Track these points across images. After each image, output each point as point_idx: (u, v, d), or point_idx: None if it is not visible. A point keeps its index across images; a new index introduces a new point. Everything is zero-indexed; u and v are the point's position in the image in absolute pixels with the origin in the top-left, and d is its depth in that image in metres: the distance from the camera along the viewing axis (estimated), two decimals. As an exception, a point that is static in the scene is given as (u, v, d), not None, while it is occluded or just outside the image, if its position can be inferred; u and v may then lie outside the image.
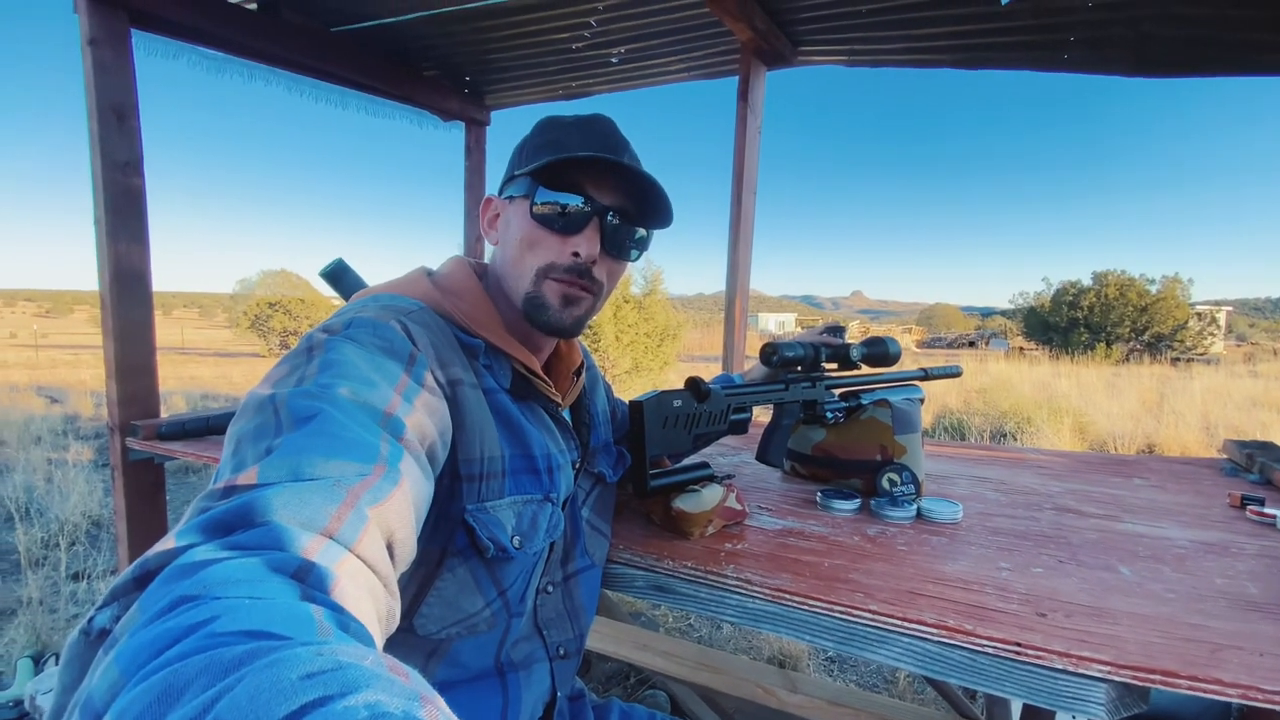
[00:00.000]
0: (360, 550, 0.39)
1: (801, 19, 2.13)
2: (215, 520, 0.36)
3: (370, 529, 0.40)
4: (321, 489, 0.40)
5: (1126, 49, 1.89)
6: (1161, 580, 0.78)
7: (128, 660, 0.25)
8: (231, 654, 0.23)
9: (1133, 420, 6.38)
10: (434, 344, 0.63)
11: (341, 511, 0.39)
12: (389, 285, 0.73)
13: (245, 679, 0.22)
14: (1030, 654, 0.62)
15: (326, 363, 0.52)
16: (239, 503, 0.37)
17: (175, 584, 0.29)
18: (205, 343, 28.09)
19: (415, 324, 0.62)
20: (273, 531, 0.35)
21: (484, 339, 0.69)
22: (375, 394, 0.51)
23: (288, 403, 0.47)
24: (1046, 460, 1.45)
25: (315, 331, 0.58)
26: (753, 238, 2.41)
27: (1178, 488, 1.22)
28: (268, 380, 0.52)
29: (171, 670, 0.23)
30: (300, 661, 0.23)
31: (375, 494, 0.43)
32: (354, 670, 0.23)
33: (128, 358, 1.79)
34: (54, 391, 8.78)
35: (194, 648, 0.24)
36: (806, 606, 0.73)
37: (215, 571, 0.30)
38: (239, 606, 0.27)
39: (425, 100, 2.74)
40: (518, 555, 0.66)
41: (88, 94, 1.70)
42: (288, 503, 0.37)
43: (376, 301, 0.66)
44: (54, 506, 3.49)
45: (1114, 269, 19.34)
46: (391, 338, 0.59)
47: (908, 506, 1.00)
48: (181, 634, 0.26)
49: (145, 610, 0.28)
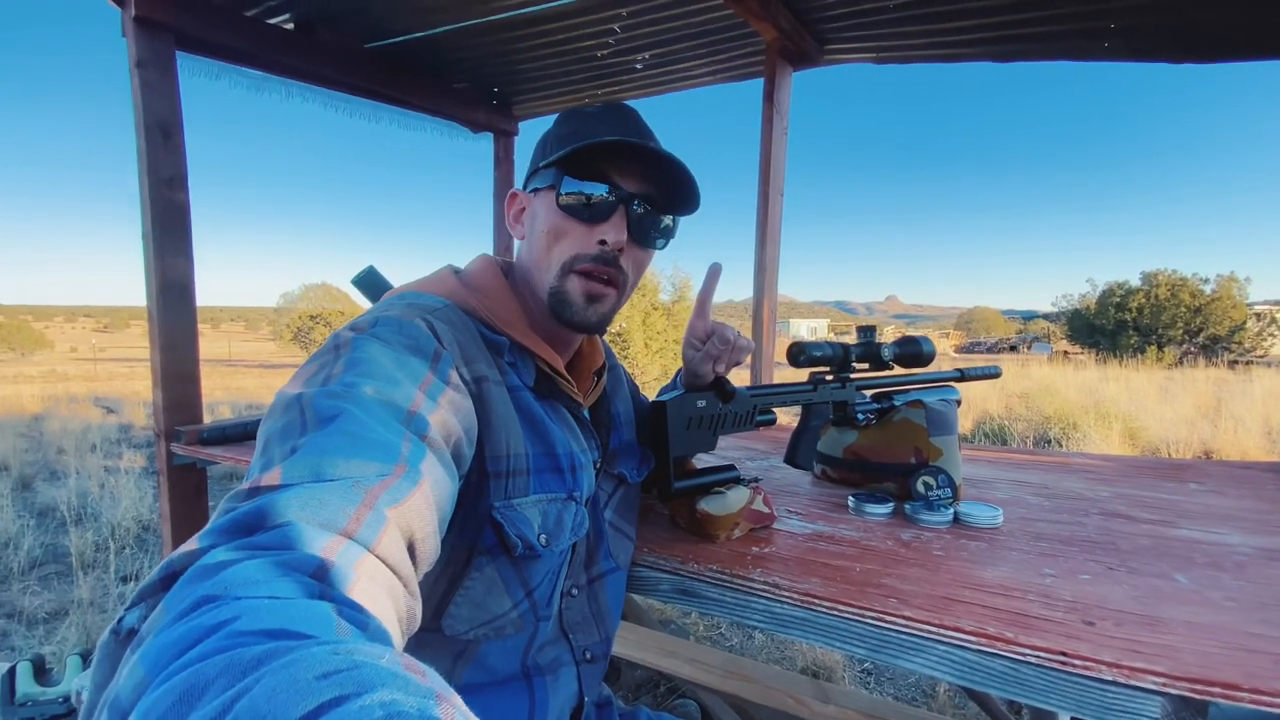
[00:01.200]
0: (379, 550, 0.39)
1: (827, 17, 2.10)
2: (238, 521, 0.36)
3: (389, 529, 0.41)
4: (341, 489, 0.40)
5: (1170, 34, 1.81)
6: (1220, 588, 0.73)
7: (152, 660, 0.25)
8: (251, 654, 0.24)
9: (1188, 425, 6.09)
10: (459, 341, 0.63)
11: (360, 512, 0.40)
12: (416, 284, 0.73)
13: (264, 679, 0.22)
14: (1078, 664, 0.58)
15: (352, 361, 0.53)
16: (261, 504, 0.38)
17: (198, 584, 0.30)
18: (251, 354, 29.11)
19: (440, 321, 0.63)
20: (292, 532, 0.36)
21: (509, 336, 0.69)
22: (399, 392, 0.52)
23: (313, 402, 0.48)
24: (1093, 464, 1.38)
25: (342, 330, 0.59)
26: (780, 239, 2.38)
27: (1237, 493, 1.15)
28: (296, 379, 0.53)
29: (193, 670, 0.24)
30: (317, 661, 0.23)
31: (394, 494, 0.43)
32: (370, 669, 0.23)
33: (173, 366, 1.86)
34: (110, 402, 9.20)
35: (215, 648, 0.25)
36: (836, 612, 0.70)
37: (236, 572, 0.31)
38: (259, 606, 0.28)
39: (455, 112, 2.79)
40: (545, 553, 0.66)
41: (135, 113, 1.78)
42: (307, 503, 0.38)
43: (402, 300, 0.66)
44: (106, 511, 3.64)
45: (1165, 268, 18.58)
46: (417, 335, 0.59)
47: (944, 511, 0.96)
48: (204, 634, 0.26)
49: (169, 610, 0.29)
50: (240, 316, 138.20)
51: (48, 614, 2.52)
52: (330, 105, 2.41)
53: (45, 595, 2.69)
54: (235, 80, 2.17)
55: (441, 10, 2.11)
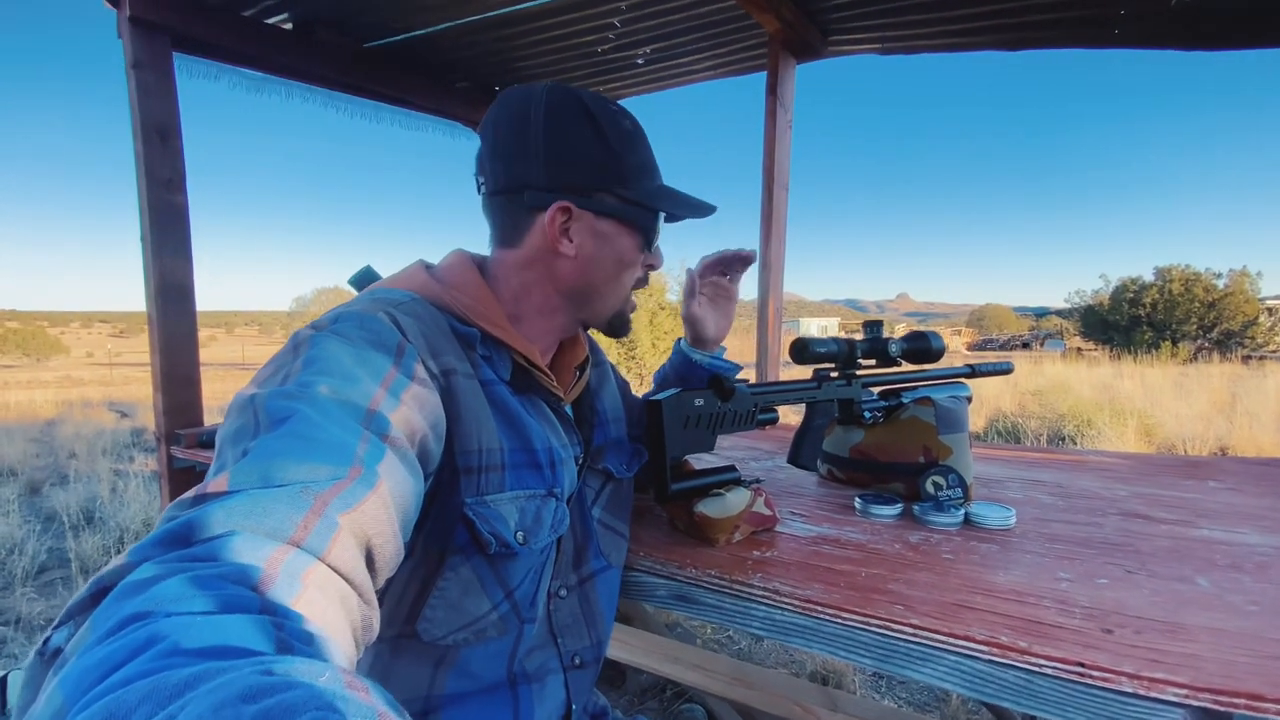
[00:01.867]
0: (331, 559, 0.37)
1: (831, 6, 2.06)
2: (173, 533, 0.34)
3: (342, 536, 0.39)
4: (288, 495, 0.38)
5: (1180, 21, 1.76)
6: (1242, 591, 0.69)
7: (72, 685, 0.24)
8: (177, 678, 0.23)
9: (1203, 422, 5.99)
10: (425, 334, 0.61)
11: (309, 519, 0.38)
12: (385, 280, 0.71)
13: (189, 705, 0.21)
14: (1096, 676, 0.55)
15: (309, 360, 0.51)
16: (201, 512, 0.35)
17: (126, 601, 0.28)
18: (264, 358, 29.36)
19: (405, 315, 0.60)
20: (234, 542, 0.34)
21: (480, 328, 0.67)
22: (357, 390, 0.49)
23: (266, 403, 0.46)
24: (1109, 462, 1.34)
25: (303, 329, 0.56)
26: (785, 235, 2.35)
27: (1257, 490, 1.11)
28: (254, 380, 0.51)
29: (114, 698, 0.22)
30: (246, 684, 0.22)
31: (348, 499, 0.41)
32: (304, 690, 0.22)
33: (172, 369, 1.85)
34: (124, 406, 9.29)
35: (140, 670, 0.23)
36: (840, 620, 0.67)
37: (167, 587, 0.29)
38: (190, 623, 0.26)
39: (456, 111, 2.78)
40: (523, 551, 0.63)
41: (132, 115, 1.78)
42: (251, 511, 0.36)
43: (370, 295, 0.64)
44: (115, 515, 3.66)
45: (1178, 263, 18.36)
46: (379, 330, 0.56)
47: (954, 512, 0.93)
48: (129, 654, 0.25)
49: (95, 629, 0.27)
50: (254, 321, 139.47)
51: (48, 621, 2.52)
52: (331, 105, 2.40)
53: (47, 602, 2.70)
54: (234, 80, 2.16)
55: (440, 8, 2.09)
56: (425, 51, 2.41)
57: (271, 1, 1.98)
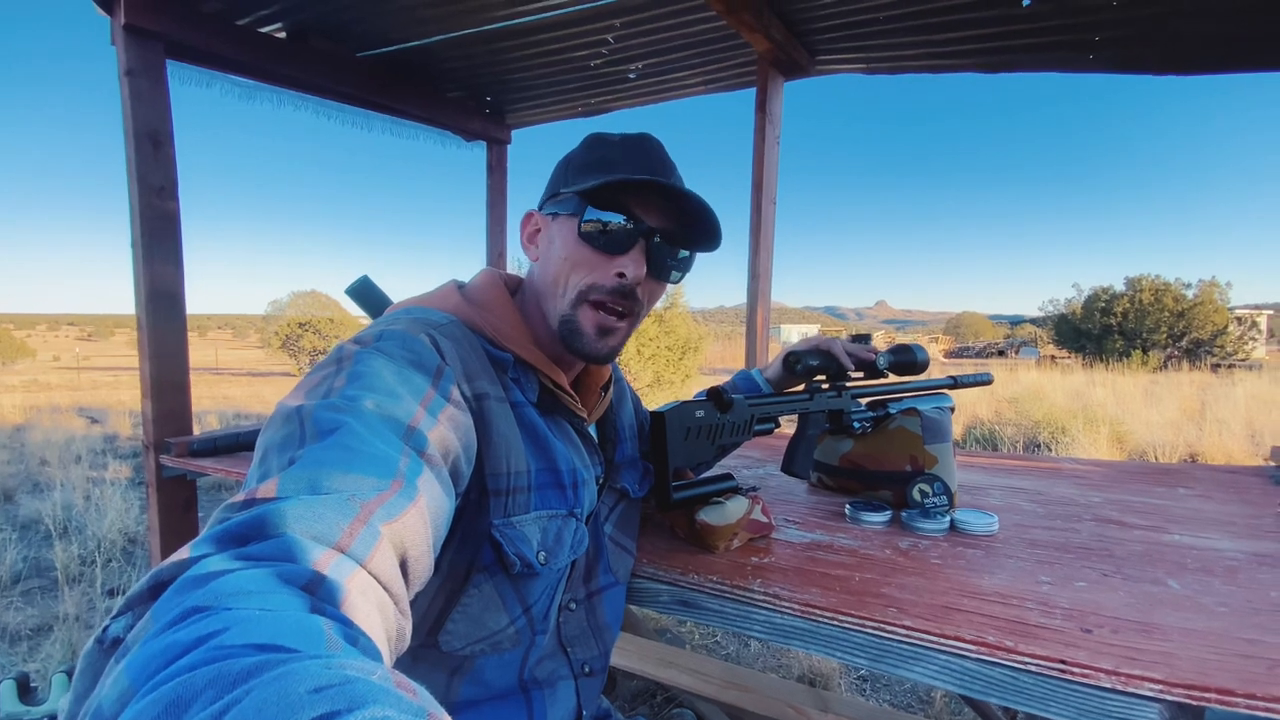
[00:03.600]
0: (371, 566, 0.39)
1: (819, 28, 2.12)
2: (230, 532, 0.36)
3: (382, 545, 0.40)
4: (336, 503, 0.40)
5: (1154, 47, 1.85)
6: (1212, 594, 0.74)
7: (137, 670, 0.25)
8: (240, 666, 0.23)
9: (1173, 429, 6.17)
10: (462, 357, 0.63)
11: (354, 527, 0.39)
12: (421, 299, 0.73)
13: (253, 692, 0.22)
14: (1076, 672, 0.59)
15: (354, 374, 0.53)
16: (255, 514, 0.37)
17: (187, 594, 0.29)
18: (238, 362, 28.83)
19: (444, 337, 0.63)
20: (285, 544, 0.35)
21: (513, 352, 0.69)
22: (400, 407, 0.51)
23: (313, 414, 0.47)
24: (1084, 470, 1.40)
25: (346, 343, 0.58)
26: (773, 246, 2.40)
27: (1224, 497, 1.17)
28: (297, 391, 0.53)
29: (180, 681, 0.23)
30: (308, 675, 0.23)
31: (390, 510, 0.42)
32: (362, 684, 0.23)
33: (162, 376, 1.84)
34: (94, 412, 9.06)
35: (203, 659, 0.24)
36: (837, 622, 0.71)
37: (226, 582, 0.30)
38: (249, 618, 0.27)
39: (448, 121, 2.79)
40: (543, 571, 0.66)
41: (125, 122, 1.77)
42: (301, 516, 0.37)
43: (408, 315, 0.66)
44: (91, 524, 3.58)
45: (1148, 273, 18.83)
46: (420, 351, 0.59)
47: (940, 518, 0.97)
48: (191, 645, 0.25)
49: (157, 620, 0.28)
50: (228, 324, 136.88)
51: (31, 630, 2.48)
52: (323, 113, 2.41)
53: (28, 611, 2.65)
54: (226, 88, 2.16)
55: (435, 21, 2.11)
56: (419, 62, 2.43)
57: (266, 11, 1.99)
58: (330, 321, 17.52)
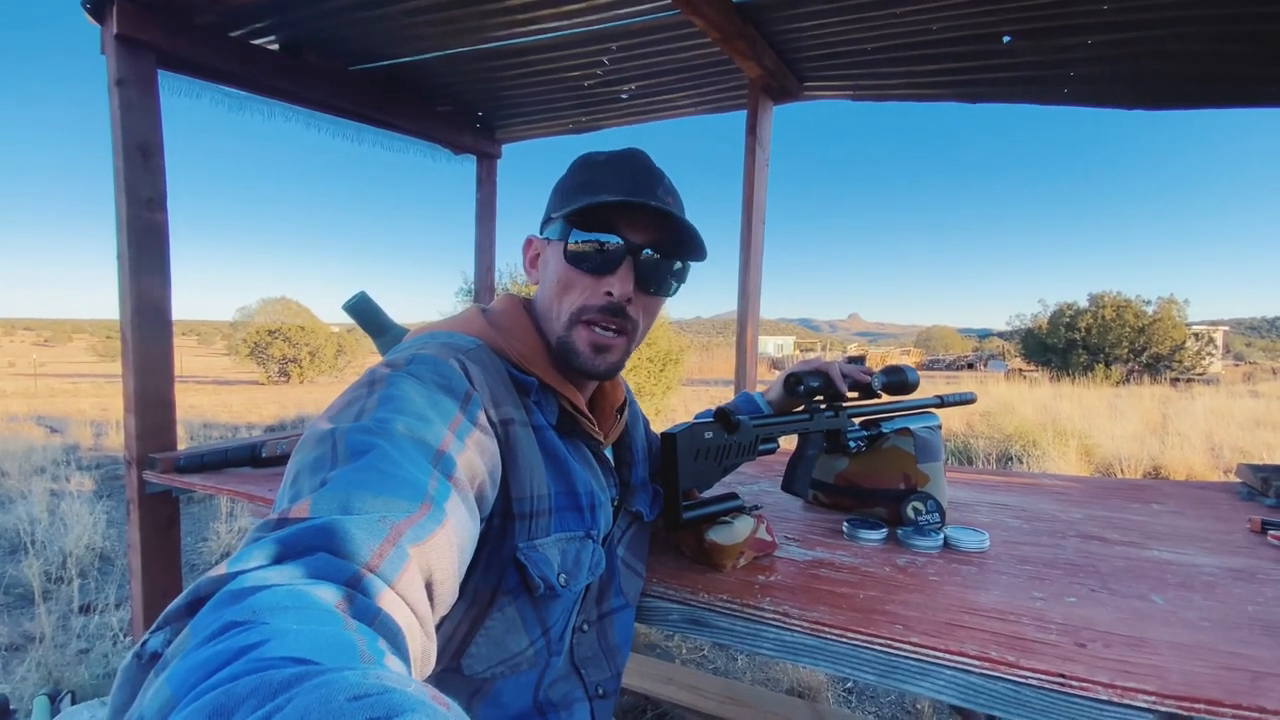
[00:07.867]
0: (399, 587, 0.39)
1: (809, 57, 2.19)
2: (265, 549, 0.37)
3: (410, 567, 0.41)
4: (367, 524, 0.41)
5: (1126, 84, 1.95)
6: (1194, 608, 0.78)
7: (179, 681, 0.25)
8: (281, 675, 0.24)
9: (1137, 442, 6.37)
10: (489, 383, 0.64)
11: (384, 548, 0.40)
12: (447, 323, 0.75)
13: (295, 699, 0.22)
14: (1075, 685, 0.63)
15: (386, 397, 0.54)
16: (289, 533, 0.38)
17: (225, 609, 0.30)
18: (203, 370, 28.08)
19: (473, 363, 0.64)
20: (318, 562, 0.36)
21: (536, 376, 0.71)
22: (430, 430, 0.53)
23: (345, 437, 0.49)
24: (1062, 486, 1.45)
25: (378, 366, 0.60)
26: (762, 264, 2.45)
27: (1197, 513, 1.23)
28: (329, 413, 0.54)
29: (222, 691, 0.24)
30: (348, 684, 0.23)
31: (418, 532, 0.43)
32: (399, 695, 0.24)
33: (147, 391, 1.81)
34: (53, 421, 8.75)
35: (244, 669, 0.25)
36: (846, 639, 0.74)
37: (263, 598, 0.31)
38: (286, 632, 0.28)
39: (438, 135, 2.80)
40: (563, 593, 0.67)
41: (114, 132, 1.74)
42: (333, 535, 0.39)
43: (435, 339, 0.67)
44: (57, 539, 3.46)
45: (1110, 290, 19.44)
46: (450, 375, 0.60)
47: (934, 536, 1.01)
48: (231, 657, 0.26)
49: (196, 634, 0.29)
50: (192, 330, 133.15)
51: (9, 647, 2.38)
52: (314, 125, 2.40)
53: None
54: (216, 99, 2.14)
55: (431, 38, 2.13)
56: (411, 77, 2.44)
57: (260, 24, 1.98)
58: (301, 329, 17.11)
